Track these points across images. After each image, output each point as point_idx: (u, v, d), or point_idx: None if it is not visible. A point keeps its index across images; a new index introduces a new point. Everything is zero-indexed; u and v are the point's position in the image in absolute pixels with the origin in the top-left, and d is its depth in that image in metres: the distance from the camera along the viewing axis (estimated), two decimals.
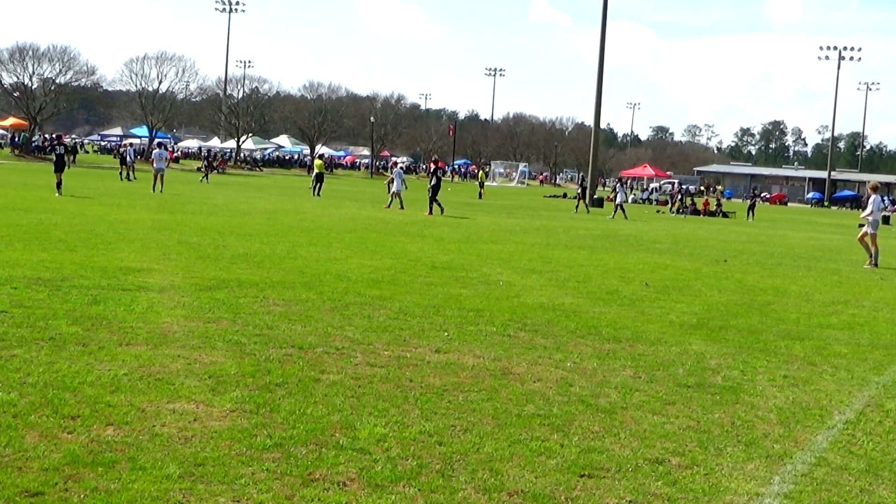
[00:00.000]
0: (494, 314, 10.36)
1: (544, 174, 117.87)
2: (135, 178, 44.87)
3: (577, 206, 43.70)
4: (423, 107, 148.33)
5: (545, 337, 9.23)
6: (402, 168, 37.14)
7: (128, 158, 47.32)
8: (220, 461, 5.00)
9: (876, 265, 20.33)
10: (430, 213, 30.57)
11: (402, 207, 32.38)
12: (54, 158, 30.60)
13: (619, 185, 42.89)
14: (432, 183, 31.39)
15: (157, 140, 67.06)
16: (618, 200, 39.79)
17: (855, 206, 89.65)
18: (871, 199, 21.15)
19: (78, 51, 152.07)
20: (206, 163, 57.50)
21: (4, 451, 4.96)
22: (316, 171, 42.78)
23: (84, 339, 7.73)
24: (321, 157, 57.57)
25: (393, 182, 33.84)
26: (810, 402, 7.30)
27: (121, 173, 46.47)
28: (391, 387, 6.85)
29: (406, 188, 34.76)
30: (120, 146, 68.09)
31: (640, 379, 7.66)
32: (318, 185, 40.92)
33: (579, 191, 46.36)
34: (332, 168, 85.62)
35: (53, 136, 62.71)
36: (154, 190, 34.16)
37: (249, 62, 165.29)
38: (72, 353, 7.22)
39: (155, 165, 35.97)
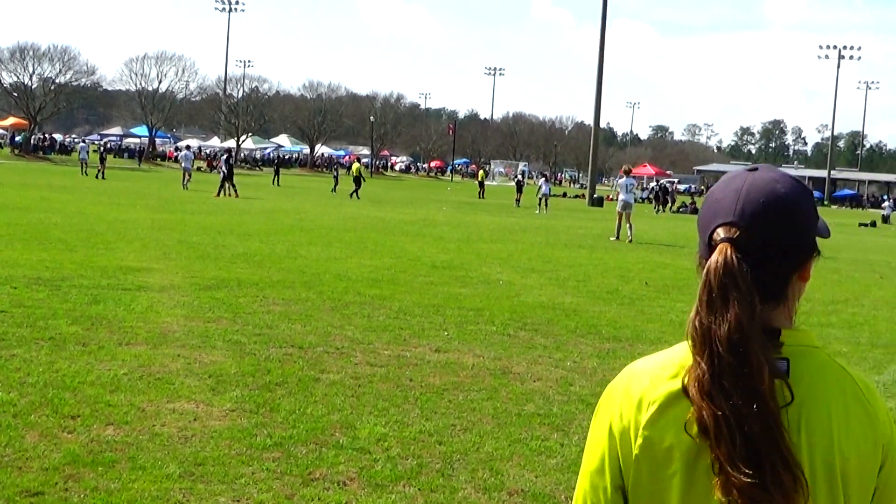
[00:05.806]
0: (494, 313, 10.36)
1: (559, 174, 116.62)
2: (85, 175, 46.90)
3: (517, 201, 43.55)
4: (422, 106, 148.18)
5: (545, 336, 9.23)
6: (191, 153, 46.53)
7: (81, 155, 52.23)
8: (220, 461, 5.00)
9: (618, 239, 23.03)
10: (218, 195, 33.46)
11: (186, 188, 36.74)
12: None
13: (543, 179, 42.61)
14: (225, 169, 35.95)
15: (186, 143, 68.09)
16: (540, 193, 39.82)
17: (855, 205, 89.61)
18: (624, 183, 24.13)
19: (78, 50, 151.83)
20: None
21: (4, 450, 4.96)
22: (353, 174, 42.39)
23: (84, 339, 7.73)
24: (358, 160, 56.54)
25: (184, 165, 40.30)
26: None
27: (83, 170, 48.84)
28: (391, 386, 6.86)
29: (194, 170, 41.38)
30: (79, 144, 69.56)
31: None
32: (357, 188, 40.43)
33: (515, 185, 46.99)
34: (337, 168, 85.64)
35: None
36: (184, 187, 38.40)
37: (249, 62, 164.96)
38: (72, 353, 7.22)
39: (183, 165, 42.57)
